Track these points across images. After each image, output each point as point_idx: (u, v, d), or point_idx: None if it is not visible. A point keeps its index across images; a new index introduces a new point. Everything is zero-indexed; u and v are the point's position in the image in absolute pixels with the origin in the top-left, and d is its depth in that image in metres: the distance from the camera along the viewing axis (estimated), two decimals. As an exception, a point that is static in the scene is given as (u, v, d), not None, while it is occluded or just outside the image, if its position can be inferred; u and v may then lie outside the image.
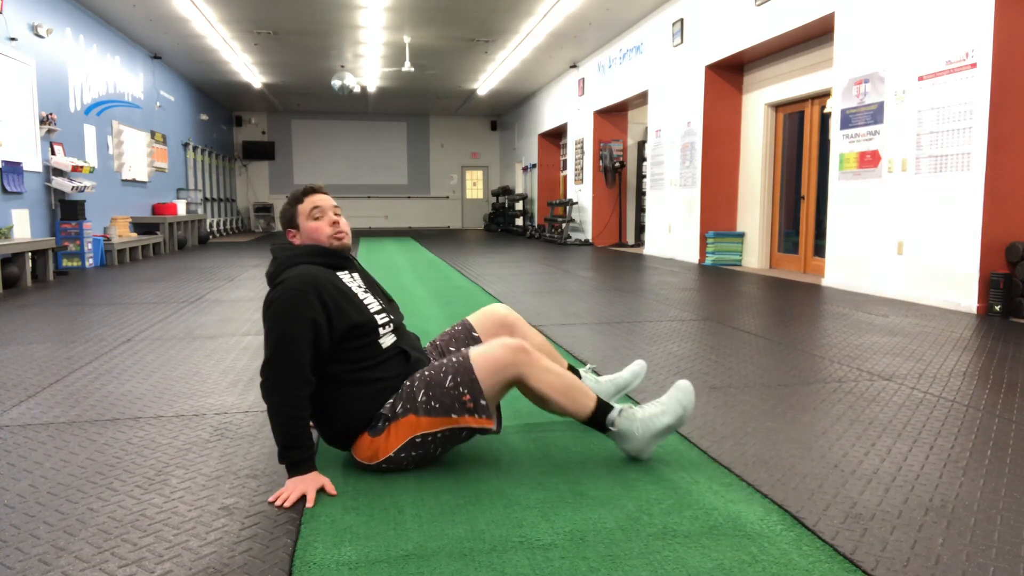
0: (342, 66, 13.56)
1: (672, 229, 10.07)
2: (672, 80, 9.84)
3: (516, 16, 10.37)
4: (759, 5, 7.63)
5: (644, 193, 11.71)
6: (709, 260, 8.98)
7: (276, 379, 1.92)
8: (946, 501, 1.86)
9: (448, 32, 11.25)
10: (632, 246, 12.61)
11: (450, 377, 2.00)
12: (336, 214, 2.22)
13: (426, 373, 2.04)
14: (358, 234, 17.61)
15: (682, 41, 9.45)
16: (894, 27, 5.79)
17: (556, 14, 10.13)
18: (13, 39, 7.64)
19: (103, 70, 10.35)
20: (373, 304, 2.12)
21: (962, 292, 5.17)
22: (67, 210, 8.39)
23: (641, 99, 11.41)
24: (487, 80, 15.26)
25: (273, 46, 12.15)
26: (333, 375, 2.02)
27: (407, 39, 11.53)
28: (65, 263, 8.29)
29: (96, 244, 8.81)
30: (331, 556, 1.58)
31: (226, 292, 6.25)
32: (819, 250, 7.71)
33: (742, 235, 9.01)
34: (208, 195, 16.29)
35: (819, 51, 7.45)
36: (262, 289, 6.45)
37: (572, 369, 2.41)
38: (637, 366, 2.58)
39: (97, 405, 2.78)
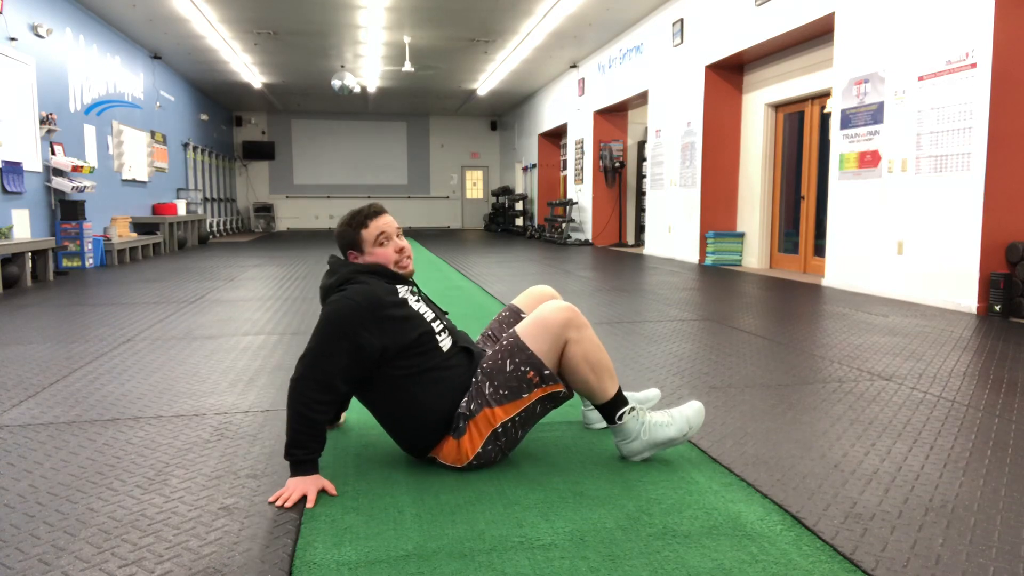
0: (342, 66, 13.56)
1: (672, 229, 10.07)
2: (672, 80, 9.84)
3: (516, 16, 10.37)
4: (759, 5, 7.63)
5: (644, 193, 11.71)
6: (709, 260, 8.98)
7: (303, 378, 1.92)
8: (946, 501, 1.86)
9: (448, 32, 11.25)
10: (632, 246, 12.61)
11: (508, 361, 2.01)
12: (399, 236, 2.18)
13: (485, 365, 2.06)
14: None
15: (682, 41, 9.45)
16: (894, 27, 5.79)
17: (556, 14, 10.14)
18: (13, 39, 7.64)
19: (103, 70, 10.35)
20: (428, 313, 2.13)
21: (962, 292, 5.17)
22: (67, 210, 8.39)
23: (641, 99, 11.41)
24: (487, 80, 15.26)
25: (273, 46, 12.15)
26: (402, 383, 2.01)
27: (407, 39, 11.53)
28: (65, 263, 8.29)
29: (96, 244, 8.81)
30: (331, 556, 1.58)
31: (226, 292, 6.25)
32: (819, 250, 7.71)
33: (742, 235, 9.01)
34: (208, 195, 16.29)
35: (819, 51, 7.45)
36: (262, 289, 6.46)
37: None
38: (652, 393, 2.55)
39: (97, 405, 2.78)
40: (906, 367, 3.38)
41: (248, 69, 13.98)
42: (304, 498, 1.86)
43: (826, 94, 7.35)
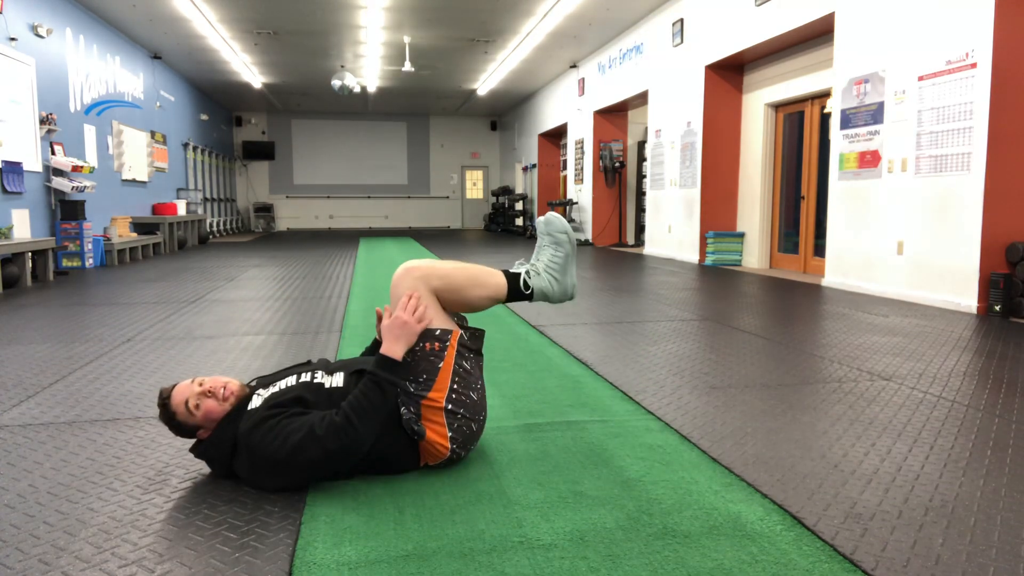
0: (342, 66, 13.56)
1: (672, 229, 10.07)
2: (672, 80, 9.84)
3: (516, 16, 10.37)
4: (759, 5, 7.63)
5: (644, 193, 11.71)
6: (709, 260, 8.98)
7: (336, 446, 1.84)
8: (946, 501, 1.86)
9: (448, 32, 11.25)
10: (632, 246, 12.61)
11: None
12: (197, 384, 1.99)
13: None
14: (358, 234, 17.62)
15: (682, 41, 9.45)
16: (894, 27, 5.79)
17: (556, 14, 10.14)
18: (13, 39, 7.64)
19: (103, 70, 10.35)
20: (289, 380, 2.04)
21: (962, 292, 5.16)
22: (67, 210, 8.39)
23: (641, 99, 11.40)
24: (487, 80, 15.26)
25: (273, 46, 12.15)
26: (327, 452, 1.88)
27: (407, 39, 11.53)
28: (65, 263, 8.29)
29: (96, 244, 8.81)
30: (331, 556, 1.58)
31: (226, 292, 6.25)
32: (819, 250, 7.71)
33: (742, 235, 9.01)
34: (208, 195, 16.29)
35: (819, 51, 7.45)
36: (262, 289, 6.46)
37: (506, 272, 2.27)
38: (539, 224, 2.33)
39: (97, 405, 2.78)
40: (906, 367, 3.38)
41: (248, 69, 13.98)
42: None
43: (826, 94, 7.35)
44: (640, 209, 12.66)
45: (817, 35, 7.36)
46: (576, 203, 14.10)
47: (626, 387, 3.00)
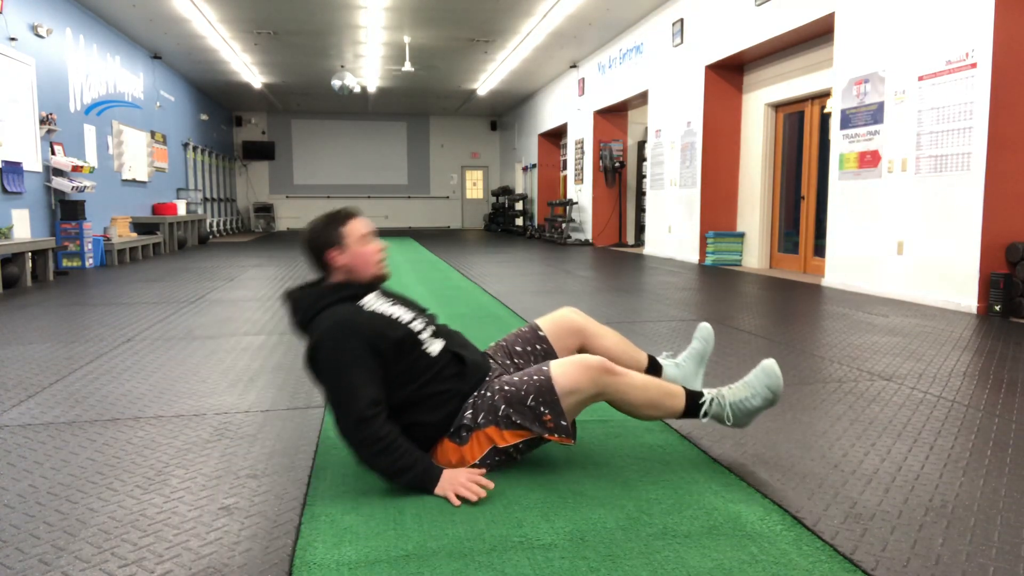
0: (342, 66, 13.56)
1: (672, 229, 10.07)
2: (672, 80, 9.84)
3: (516, 16, 10.37)
4: (759, 5, 7.63)
5: (644, 193, 11.70)
6: (709, 260, 8.98)
7: (353, 433, 1.88)
8: (946, 501, 1.86)
9: (448, 32, 11.25)
10: (632, 246, 12.61)
11: (532, 396, 1.97)
12: (377, 245, 2.16)
13: (507, 388, 2.01)
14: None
15: (682, 41, 9.45)
16: (894, 27, 5.79)
17: (556, 14, 10.13)
18: (13, 39, 7.64)
19: (103, 70, 10.35)
20: (404, 315, 2.07)
21: (962, 292, 5.16)
22: (67, 210, 8.39)
23: (641, 99, 11.40)
24: (487, 80, 15.26)
25: (273, 46, 12.15)
26: (401, 400, 1.98)
27: (407, 39, 11.53)
28: (65, 263, 8.29)
29: (96, 244, 8.81)
30: (331, 556, 1.58)
31: (226, 292, 6.25)
32: (819, 250, 7.71)
33: (742, 235, 9.01)
34: (208, 195, 16.29)
35: (819, 51, 7.45)
36: (262, 289, 6.46)
37: (651, 359, 2.42)
38: (704, 331, 2.51)
39: (97, 405, 2.78)
40: (906, 367, 3.38)
41: (248, 69, 13.98)
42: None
43: (826, 94, 7.35)
44: (640, 209, 12.66)
45: (817, 35, 7.36)
46: (576, 203, 14.10)
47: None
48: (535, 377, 2.00)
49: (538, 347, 2.29)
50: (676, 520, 1.75)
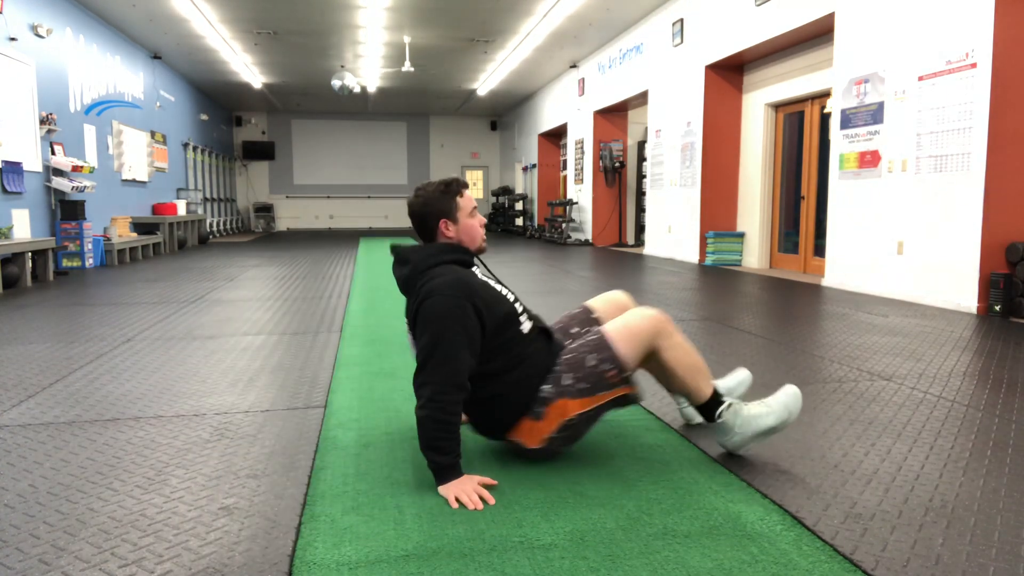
0: (342, 66, 13.56)
1: (672, 229, 10.07)
2: (672, 80, 9.84)
3: (516, 16, 10.37)
4: (759, 5, 7.63)
5: (644, 193, 11.71)
6: (709, 260, 8.98)
7: (432, 384, 1.90)
8: (946, 501, 1.86)
9: (448, 32, 11.25)
10: (632, 246, 12.61)
11: (591, 355, 2.03)
12: (480, 218, 2.22)
13: (566, 356, 2.08)
14: (358, 234, 17.62)
15: (682, 41, 9.45)
16: (894, 27, 5.79)
17: (556, 14, 10.13)
18: (13, 39, 7.64)
19: (103, 70, 10.35)
20: (509, 293, 2.14)
21: (962, 292, 5.16)
22: (67, 210, 8.39)
23: (641, 99, 11.40)
24: (487, 80, 15.26)
25: (273, 46, 12.15)
26: (490, 371, 2.03)
27: (407, 39, 11.53)
28: (65, 263, 8.29)
29: (96, 244, 8.81)
30: (331, 556, 1.58)
31: (226, 292, 6.25)
32: (819, 250, 7.71)
33: (742, 235, 9.01)
34: (208, 195, 16.29)
35: (819, 51, 7.45)
36: (262, 289, 6.46)
37: None
38: (741, 375, 2.54)
39: (97, 405, 2.78)
40: (906, 367, 3.38)
41: (248, 69, 13.98)
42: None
43: (826, 94, 7.35)
44: (640, 209, 12.66)
45: (817, 35, 7.36)
46: (576, 203, 14.10)
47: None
48: (591, 338, 2.07)
49: (592, 328, 2.33)
50: (676, 520, 1.75)
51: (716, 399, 2.12)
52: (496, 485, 1.94)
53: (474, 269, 2.15)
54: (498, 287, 2.13)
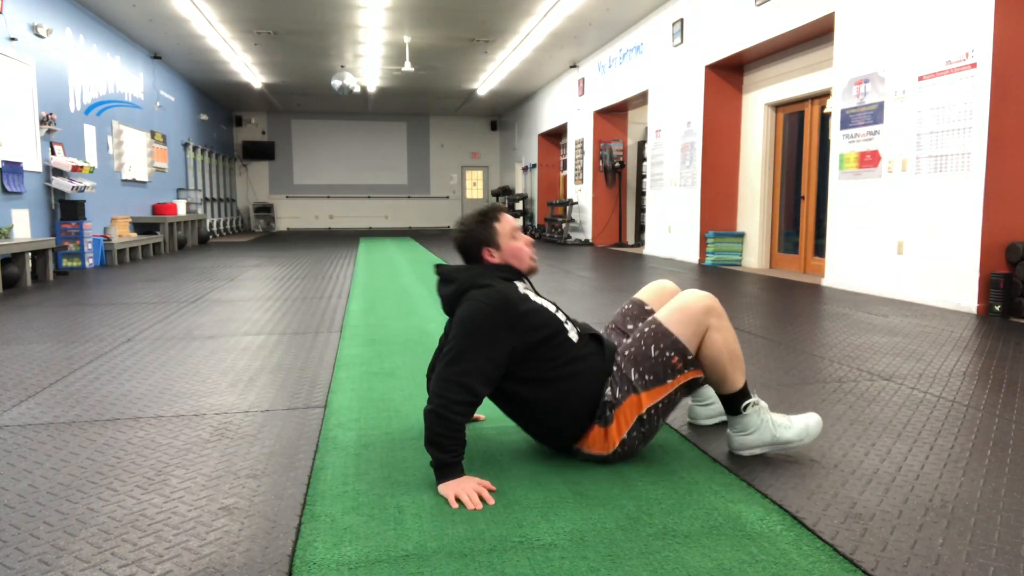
0: (342, 66, 13.56)
1: (672, 229, 10.07)
2: (672, 80, 9.84)
3: (516, 16, 10.37)
4: (759, 5, 7.63)
5: (644, 193, 11.71)
6: (709, 260, 8.98)
7: (443, 382, 1.91)
8: (946, 501, 1.86)
9: (448, 32, 11.25)
10: (632, 246, 12.61)
11: (653, 347, 2.03)
12: (526, 238, 2.23)
13: (628, 352, 2.07)
14: (358, 234, 17.62)
15: (682, 41, 9.45)
16: (894, 27, 5.79)
17: (556, 14, 10.13)
18: (13, 39, 7.64)
19: (103, 70, 10.35)
20: (551, 307, 2.13)
21: (962, 292, 5.16)
22: (67, 210, 8.39)
23: (641, 99, 11.41)
24: (487, 80, 15.26)
25: (273, 46, 12.15)
26: (544, 379, 2.02)
27: (407, 39, 11.53)
28: (65, 263, 8.29)
29: (96, 244, 8.81)
30: (331, 556, 1.58)
31: (226, 292, 6.25)
32: (819, 250, 7.71)
33: (742, 235, 9.01)
34: (208, 195, 16.29)
35: (819, 51, 7.45)
36: (262, 289, 6.46)
37: None
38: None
39: (97, 405, 2.78)
40: (906, 367, 3.38)
41: (248, 69, 13.98)
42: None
43: (826, 94, 7.35)
44: (640, 209, 12.66)
45: (817, 35, 7.36)
46: (576, 203, 14.10)
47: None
48: (647, 329, 2.08)
49: (644, 318, 2.34)
50: (676, 520, 1.75)
51: (746, 391, 2.12)
52: (495, 490, 1.93)
53: (519, 284, 2.15)
54: (538, 299, 2.12)
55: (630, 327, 2.33)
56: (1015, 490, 1.93)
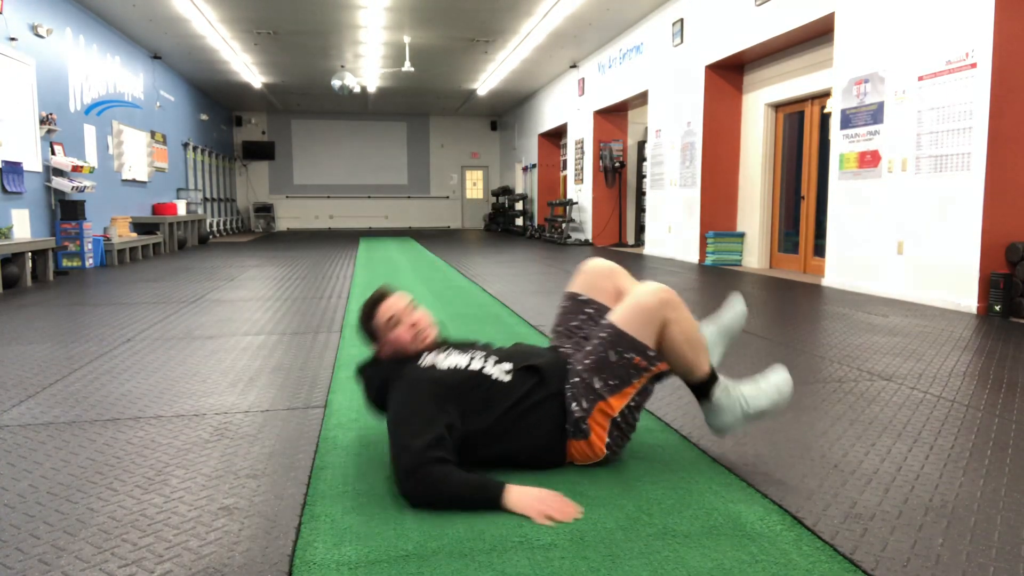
0: (342, 66, 13.56)
1: (672, 229, 10.07)
2: (672, 80, 9.84)
3: (516, 16, 10.37)
4: (759, 5, 7.63)
5: (644, 193, 11.70)
6: (709, 260, 8.98)
7: (405, 455, 1.84)
8: (946, 501, 1.86)
9: (448, 32, 11.25)
10: (632, 246, 12.61)
11: (611, 351, 2.01)
12: (412, 311, 2.17)
13: (587, 361, 2.04)
14: (358, 234, 17.63)
15: (682, 41, 9.45)
16: (894, 27, 5.79)
17: (556, 14, 10.13)
18: (13, 39, 7.64)
19: (103, 70, 10.35)
20: (461, 361, 2.08)
21: (962, 292, 5.17)
22: (67, 210, 8.39)
23: (641, 99, 11.40)
24: (487, 80, 15.26)
25: (273, 46, 12.15)
26: (491, 431, 2.00)
27: (407, 39, 11.53)
28: (65, 263, 8.29)
29: (96, 244, 8.81)
30: (331, 556, 1.58)
31: (226, 292, 6.25)
32: (819, 250, 7.71)
33: (742, 235, 9.01)
34: (208, 195, 16.29)
35: (819, 51, 7.45)
36: (262, 289, 6.46)
37: None
38: (737, 306, 2.29)
39: (97, 405, 2.78)
40: (906, 367, 3.38)
41: (248, 69, 13.98)
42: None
43: (826, 94, 7.35)
44: (640, 209, 12.66)
45: (817, 35, 7.36)
46: (576, 203, 14.10)
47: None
48: (602, 335, 2.05)
49: (587, 311, 2.28)
50: (676, 520, 1.75)
51: (713, 376, 2.08)
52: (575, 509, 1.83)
53: (429, 356, 2.11)
54: (450, 360, 2.08)
55: (573, 324, 2.28)
56: (1015, 490, 1.93)
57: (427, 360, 2.10)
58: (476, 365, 2.07)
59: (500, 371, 2.06)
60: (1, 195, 7.33)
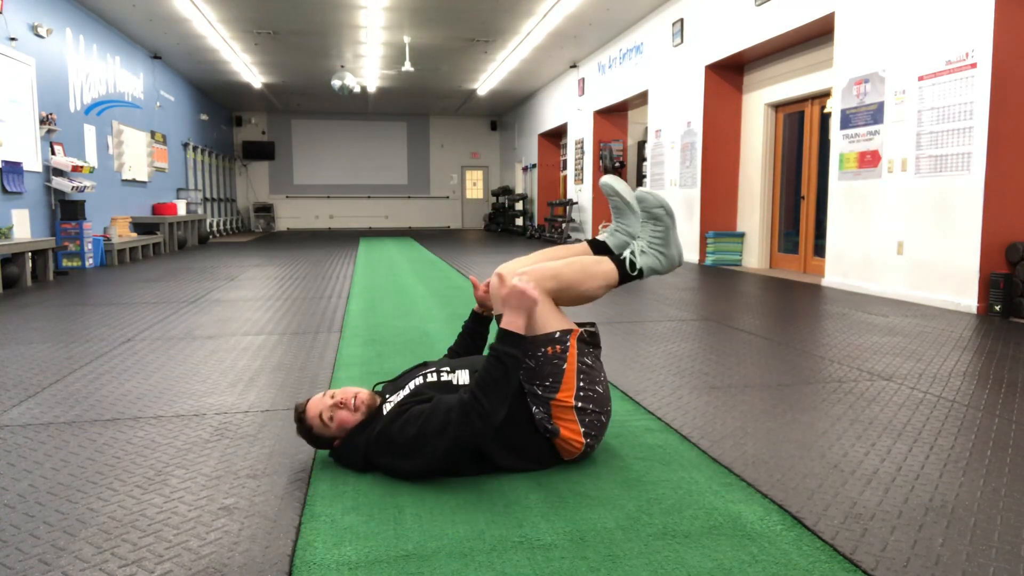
0: (342, 66, 13.55)
1: (672, 229, 10.05)
2: (672, 80, 9.84)
3: (516, 16, 10.37)
4: (759, 5, 7.63)
5: (644, 193, 11.69)
6: (709, 260, 8.98)
7: (472, 420, 1.87)
8: (946, 501, 1.86)
9: (448, 32, 11.25)
10: (632, 246, 12.60)
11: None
12: (330, 398, 2.07)
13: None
14: (358, 234, 17.62)
15: (682, 41, 9.45)
16: (894, 27, 5.79)
17: (556, 14, 10.13)
18: (13, 39, 7.64)
19: (103, 70, 10.35)
20: (416, 381, 2.12)
21: (962, 292, 5.16)
22: (67, 210, 8.39)
23: (641, 99, 11.40)
24: (487, 80, 15.26)
25: (273, 46, 12.15)
26: (459, 431, 1.95)
27: (407, 39, 11.53)
28: (65, 263, 8.29)
29: (96, 244, 8.81)
30: (331, 556, 1.58)
31: (226, 292, 6.25)
32: (819, 250, 7.71)
33: (742, 235, 9.01)
34: (208, 195, 16.29)
35: (819, 51, 7.45)
36: (262, 289, 6.46)
37: (592, 242, 2.35)
38: (606, 187, 2.30)
39: (97, 405, 2.78)
40: (906, 367, 3.38)
41: (248, 69, 13.98)
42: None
43: (826, 94, 7.35)
44: (640, 209, 12.64)
45: (817, 35, 7.36)
46: (576, 203, 14.10)
47: (626, 387, 3.00)
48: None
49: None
50: (676, 520, 1.75)
51: (621, 265, 2.16)
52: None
53: (377, 413, 2.08)
54: (404, 390, 2.10)
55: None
56: (1015, 490, 1.93)
57: (385, 408, 2.07)
58: (432, 377, 2.11)
59: (462, 376, 2.10)
60: (1, 195, 7.33)
